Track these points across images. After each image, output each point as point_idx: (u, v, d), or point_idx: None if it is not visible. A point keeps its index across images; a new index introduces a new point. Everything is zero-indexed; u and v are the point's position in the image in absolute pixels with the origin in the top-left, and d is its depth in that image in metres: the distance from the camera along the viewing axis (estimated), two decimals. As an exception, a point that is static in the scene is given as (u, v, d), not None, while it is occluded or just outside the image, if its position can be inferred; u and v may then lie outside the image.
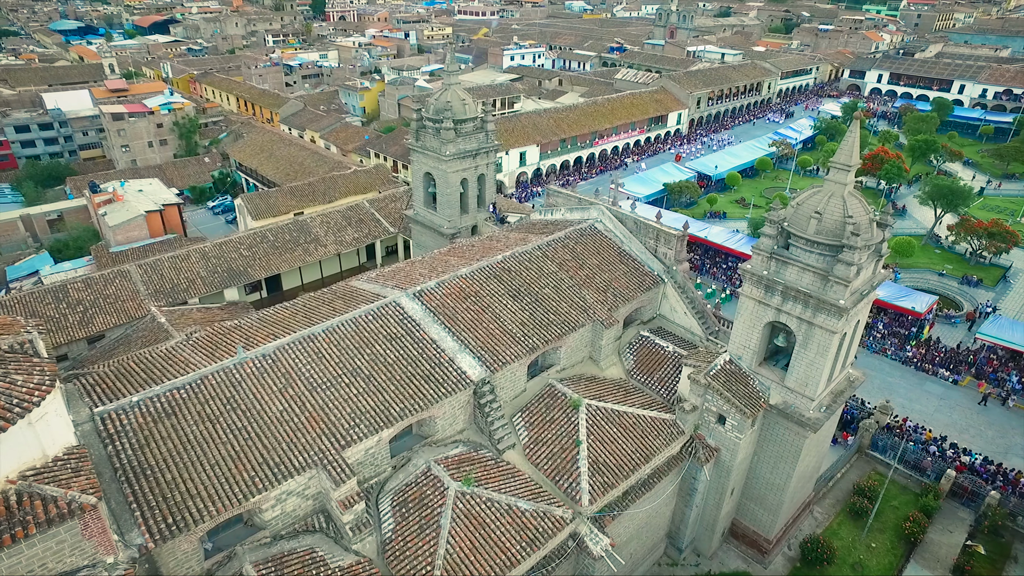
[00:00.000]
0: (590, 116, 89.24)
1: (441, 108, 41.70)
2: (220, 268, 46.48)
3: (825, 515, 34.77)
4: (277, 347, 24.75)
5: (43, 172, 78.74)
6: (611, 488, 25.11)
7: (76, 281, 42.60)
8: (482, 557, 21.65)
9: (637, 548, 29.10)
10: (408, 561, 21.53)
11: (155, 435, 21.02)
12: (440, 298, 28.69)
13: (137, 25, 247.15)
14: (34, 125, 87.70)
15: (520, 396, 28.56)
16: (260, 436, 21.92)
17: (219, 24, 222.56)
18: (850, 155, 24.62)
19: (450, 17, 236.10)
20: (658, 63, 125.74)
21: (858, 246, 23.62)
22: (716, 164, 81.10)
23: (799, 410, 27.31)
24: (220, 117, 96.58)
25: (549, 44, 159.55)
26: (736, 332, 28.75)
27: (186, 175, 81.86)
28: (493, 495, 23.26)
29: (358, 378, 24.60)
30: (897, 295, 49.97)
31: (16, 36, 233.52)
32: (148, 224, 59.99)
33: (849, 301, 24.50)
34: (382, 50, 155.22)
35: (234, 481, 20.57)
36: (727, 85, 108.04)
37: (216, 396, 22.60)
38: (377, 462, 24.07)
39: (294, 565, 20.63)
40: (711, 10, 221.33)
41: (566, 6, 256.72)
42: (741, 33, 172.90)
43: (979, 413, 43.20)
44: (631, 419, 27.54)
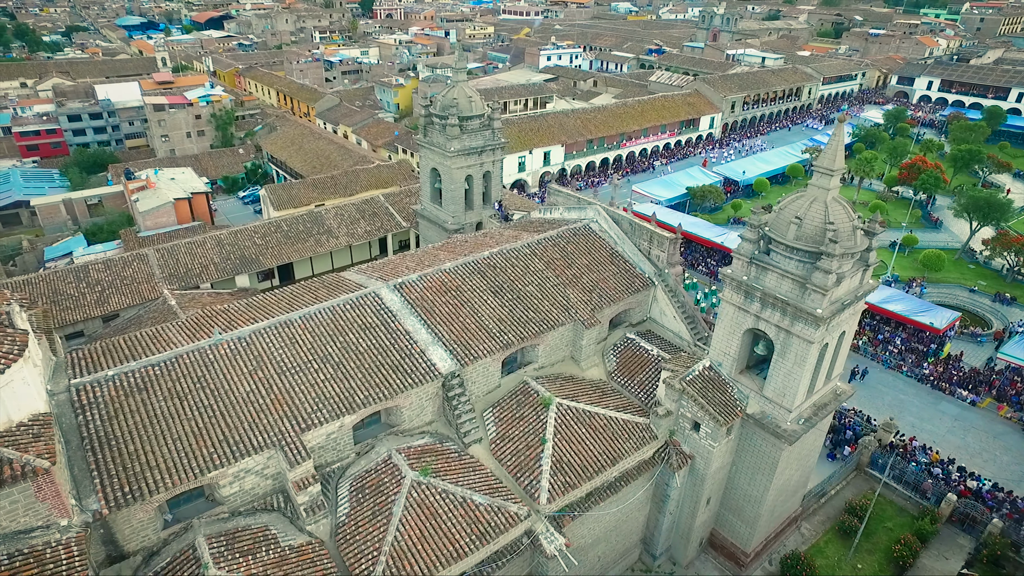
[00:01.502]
0: (618, 117, 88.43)
1: (447, 105, 42.09)
2: (233, 255, 47.99)
3: (813, 532, 33.68)
4: (253, 331, 25.51)
5: (89, 159, 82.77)
6: (572, 488, 24.93)
7: (97, 262, 44.64)
8: (430, 546, 21.83)
9: (606, 551, 28.81)
10: (357, 545, 21.90)
11: (124, 408, 21.95)
12: (420, 291, 29.03)
13: (194, 21, 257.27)
14: (85, 115, 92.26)
15: (494, 392, 28.64)
16: (224, 415, 22.65)
17: (270, 20, 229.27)
18: (833, 159, 23.85)
19: (494, 17, 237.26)
20: (696, 66, 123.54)
21: (836, 253, 22.87)
22: (744, 170, 79.28)
23: (776, 421, 26.56)
24: (257, 110, 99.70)
25: (588, 45, 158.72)
26: (716, 338, 28.17)
27: (220, 165, 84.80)
28: (449, 487, 23.41)
29: (327, 364, 25.14)
30: (917, 310, 47.91)
31: (85, 31, 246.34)
32: (176, 211, 62.46)
33: (827, 310, 23.71)
34: (422, 48, 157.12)
35: (193, 456, 21.32)
36: (764, 89, 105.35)
37: (188, 374, 23.46)
38: (340, 447, 24.55)
39: (246, 541, 21.24)
40: (760, 13, 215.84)
41: (611, 7, 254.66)
42: (787, 37, 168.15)
43: (996, 437, 41.07)
44: (602, 420, 27.28)
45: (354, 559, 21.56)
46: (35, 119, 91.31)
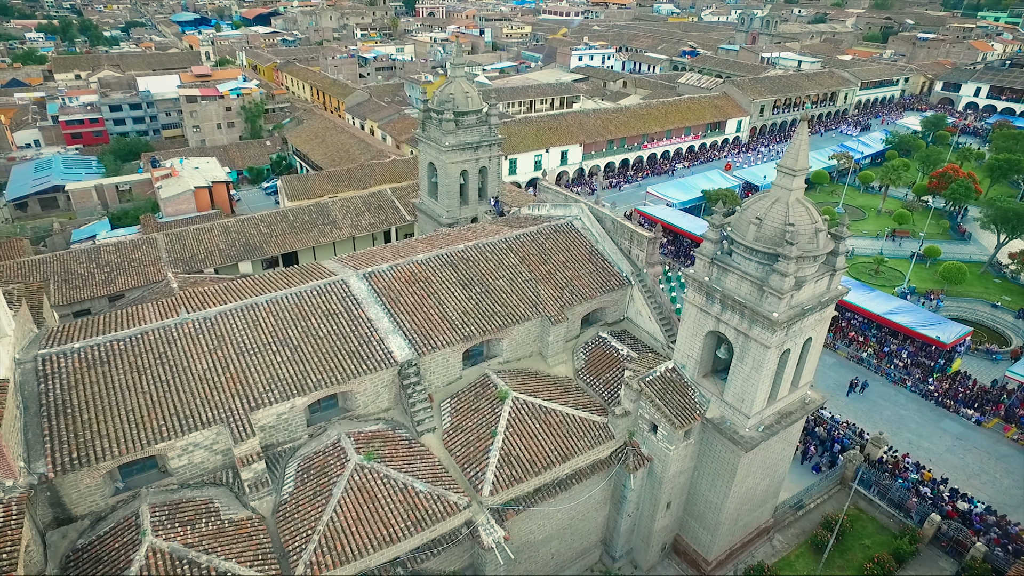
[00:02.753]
0: (641, 118, 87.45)
1: (444, 100, 42.51)
2: (238, 242, 49.45)
3: (786, 545, 32.77)
4: (218, 312, 26.36)
5: (125, 147, 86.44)
6: (518, 482, 24.93)
7: (108, 245, 46.72)
8: (364, 529, 22.18)
9: (561, 549, 28.66)
10: (294, 523, 22.42)
11: (85, 379, 22.98)
12: (388, 281, 29.45)
13: (244, 17, 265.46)
14: (126, 105, 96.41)
15: (455, 383, 28.85)
16: (179, 390, 23.48)
17: (314, 17, 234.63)
18: (796, 159, 23.24)
19: (534, 16, 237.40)
20: (729, 68, 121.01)
21: (792, 256, 22.26)
22: (765, 174, 77.35)
23: (734, 427, 26.01)
24: (286, 104, 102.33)
25: (623, 46, 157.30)
26: (680, 340, 27.73)
27: (247, 156, 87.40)
28: (391, 472, 23.73)
29: (286, 347, 25.77)
30: (924, 323, 45.98)
31: (142, 26, 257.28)
32: (196, 199, 64.66)
33: (785, 315, 23.10)
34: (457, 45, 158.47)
35: (143, 427, 22.19)
36: (796, 93, 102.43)
37: (150, 351, 24.40)
38: (291, 428, 25.15)
39: (188, 511, 21.99)
40: (805, 17, 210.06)
41: (654, 9, 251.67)
42: (830, 41, 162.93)
43: (998, 459, 39.14)
44: (558, 417, 27.17)
45: (289, 536, 22.09)
46: (80, 109, 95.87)
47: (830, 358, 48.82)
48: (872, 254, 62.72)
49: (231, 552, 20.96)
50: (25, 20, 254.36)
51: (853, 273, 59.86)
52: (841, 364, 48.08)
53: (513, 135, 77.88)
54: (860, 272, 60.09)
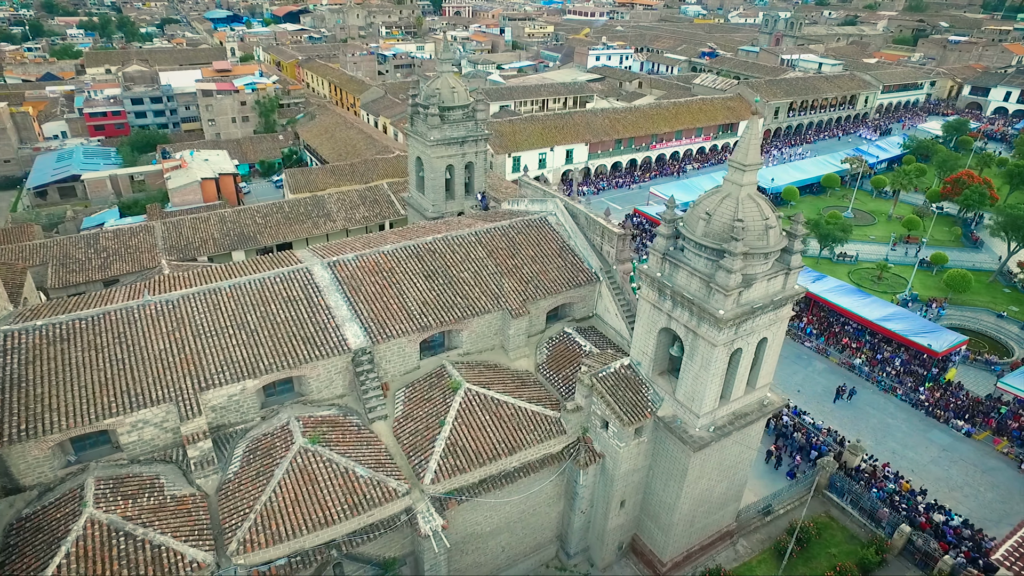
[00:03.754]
0: (650, 119, 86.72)
1: (429, 94, 42.83)
2: (232, 232, 50.51)
3: (750, 550, 32.25)
4: (181, 295, 27.00)
5: (143, 139, 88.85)
6: (461, 472, 25.04)
7: (107, 231, 48.16)
8: (301, 510, 22.54)
9: (512, 542, 28.66)
10: (234, 501, 22.89)
11: (44, 354, 23.78)
12: (352, 270, 29.82)
13: (274, 15, 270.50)
14: (147, 98, 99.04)
15: (412, 372, 29.09)
16: (133, 369, 24.15)
17: (342, 15, 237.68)
18: (746, 153, 22.93)
19: (559, 16, 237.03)
20: (748, 70, 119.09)
21: (737, 252, 21.95)
22: (773, 177, 76.05)
23: (684, 426, 25.73)
24: (301, 99, 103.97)
25: (645, 47, 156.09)
26: (635, 337, 27.55)
27: (260, 150, 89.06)
28: (334, 456, 24.05)
29: (242, 331, 26.29)
30: (918, 330, 44.73)
31: (176, 23, 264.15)
32: (203, 190, 66.18)
33: (731, 312, 22.79)
34: (477, 44, 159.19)
35: (93, 403, 22.89)
36: (813, 96, 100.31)
37: (110, 330, 25.13)
38: (243, 410, 25.65)
39: (132, 486, 22.63)
40: (835, 19, 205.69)
41: (681, 10, 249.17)
42: (857, 43, 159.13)
43: (985, 472, 37.91)
44: (510, 410, 27.20)
45: (227, 514, 22.56)
46: (103, 102, 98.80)
47: (821, 364, 47.88)
48: (877, 260, 61.20)
49: (168, 527, 21.51)
50: (68, 17, 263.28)
51: (855, 279, 58.57)
52: (832, 370, 47.08)
53: (518, 133, 78.02)
54: (862, 278, 58.72)
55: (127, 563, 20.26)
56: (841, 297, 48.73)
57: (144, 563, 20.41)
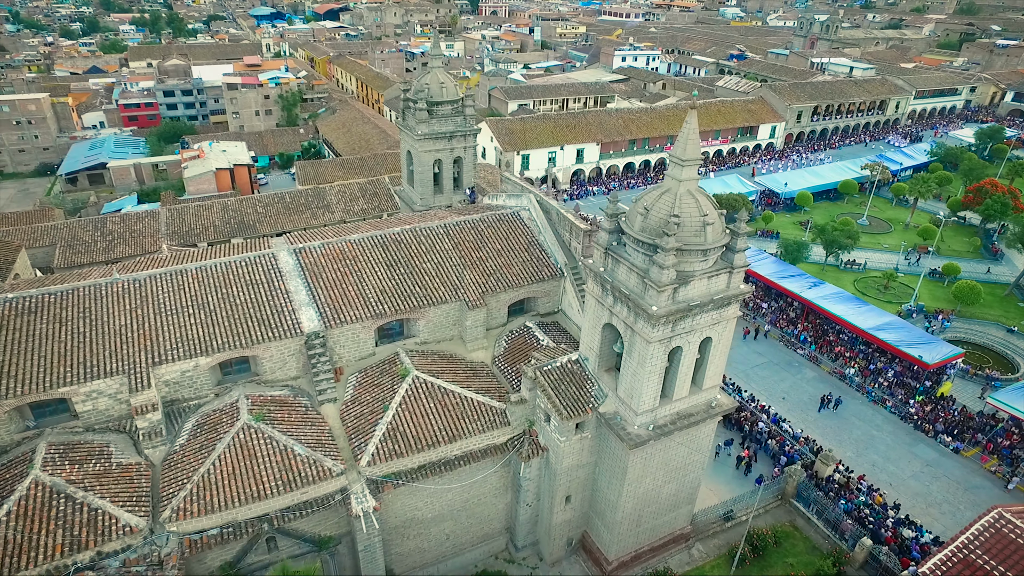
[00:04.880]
0: (665, 119, 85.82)
1: (418, 89, 43.42)
2: (233, 220, 52.06)
3: (705, 555, 31.84)
4: (148, 275, 28.19)
5: (170, 130, 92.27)
6: (399, 456, 25.48)
7: (115, 216, 50.32)
8: (236, 483, 23.33)
9: (456, 530, 28.98)
10: (175, 472, 23.85)
11: (10, 325, 25.17)
12: (316, 257, 30.63)
13: (315, 12, 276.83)
14: (178, 91, 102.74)
15: (368, 358, 29.72)
16: (92, 342, 25.38)
17: (379, 13, 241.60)
18: (684, 148, 22.79)
19: (594, 17, 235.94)
20: (776, 73, 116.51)
21: (667, 247, 21.83)
22: (787, 182, 74.42)
23: (623, 423, 25.65)
24: (325, 94, 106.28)
25: (675, 48, 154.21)
26: (583, 332, 27.57)
27: (280, 142, 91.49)
28: (276, 434, 24.79)
29: (202, 311, 27.32)
30: (911, 341, 43.24)
31: (222, 20, 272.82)
32: (217, 180, 68.48)
33: (664, 309, 22.66)
34: (506, 44, 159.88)
35: (50, 372, 24.15)
36: (840, 100, 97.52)
37: (76, 305, 26.43)
38: (197, 386, 26.64)
39: (82, 452, 23.79)
40: (878, 22, 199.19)
41: (719, 12, 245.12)
42: (897, 47, 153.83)
43: (968, 490, 36.52)
44: (455, 399, 27.52)
45: (167, 484, 23.52)
46: (138, 94, 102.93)
47: (811, 372, 46.80)
48: (887, 269, 59.36)
49: (109, 492, 22.56)
50: (123, 14, 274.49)
51: (860, 287, 56.99)
52: (822, 379, 45.96)
53: (528, 131, 78.25)
54: (868, 287, 57.07)
55: (64, 523, 21.36)
56: (836, 304, 47.49)
57: (80, 524, 21.49)
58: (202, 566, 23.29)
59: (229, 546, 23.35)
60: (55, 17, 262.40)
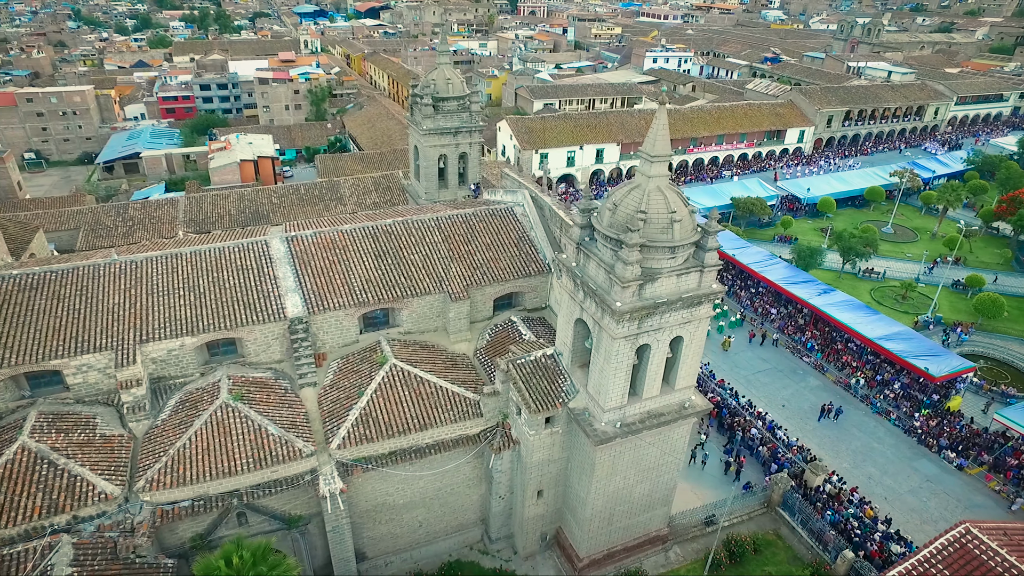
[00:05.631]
0: (689, 121, 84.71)
1: (425, 85, 44.07)
2: (248, 209, 53.64)
3: (682, 558, 31.50)
4: (145, 257, 29.45)
5: (204, 122, 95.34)
6: (370, 441, 26.02)
7: (136, 202, 52.42)
8: (209, 458, 24.21)
9: (429, 518, 29.39)
10: (154, 445, 24.88)
11: (12, 299, 26.64)
12: (307, 245, 31.47)
13: (357, 10, 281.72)
14: (214, 85, 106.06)
15: (351, 345, 30.42)
16: (86, 318, 26.68)
17: (418, 12, 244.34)
18: (653, 144, 22.69)
19: (632, 19, 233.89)
20: (809, 76, 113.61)
21: (632, 242, 21.82)
22: (809, 187, 72.67)
23: (591, 419, 25.67)
24: (353, 90, 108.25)
25: (710, 50, 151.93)
26: (559, 327, 27.68)
27: (308, 136, 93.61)
28: (252, 414, 25.61)
29: (192, 294, 28.42)
30: (919, 352, 41.79)
31: (267, 17, 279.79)
32: (241, 171, 70.56)
33: (628, 305, 22.65)
34: (539, 43, 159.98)
35: (44, 345, 25.50)
36: (874, 105, 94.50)
37: (74, 283, 27.80)
38: (183, 365, 27.72)
39: (69, 422, 25.04)
40: (928, 25, 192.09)
41: (761, 15, 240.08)
42: (944, 52, 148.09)
43: (968, 509, 35.21)
44: (431, 388, 27.93)
45: (145, 455, 24.57)
46: (176, 87, 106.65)
47: (815, 380, 45.73)
48: (906, 278, 57.51)
49: (89, 461, 23.70)
50: (174, 10, 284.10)
51: (876, 296, 55.38)
52: (826, 388, 44.87)
53: (548, 130, 78.29)
54: (884, 296, 55.39)
55: (44, 487, 22.56)
56: (844, 312, 46.26)
57: (59, 489, 22.66)
58: (174, 536, 24.27)
59: (200, 518, 24.26)
60: (112, 14, 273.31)
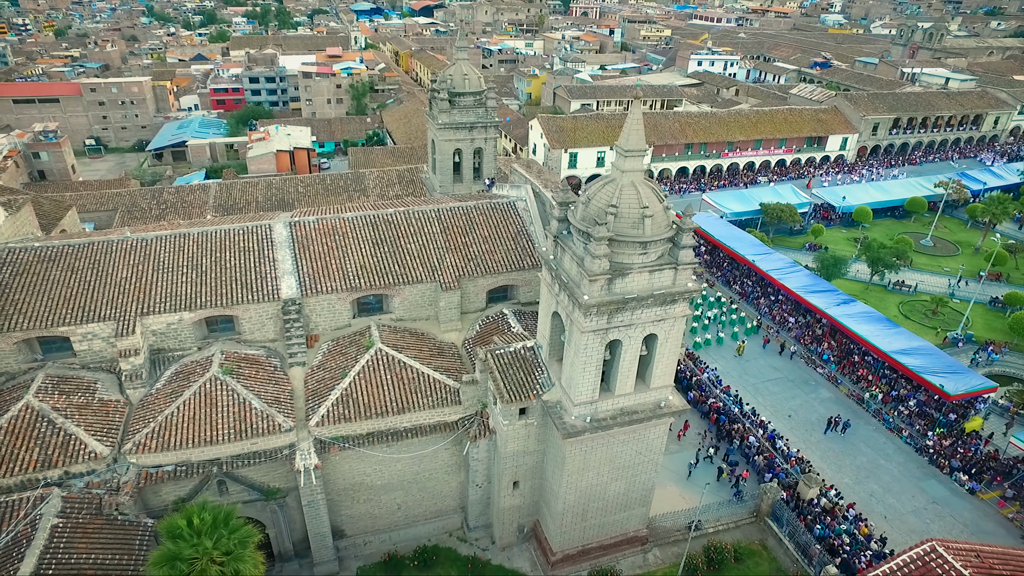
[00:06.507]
0: (725, 125, 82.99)
1: (442, 80, 44.85)
2: (274, 197, 55.67)
3: (660, 561, 31.18)
4: (156, 236, 31.10)
5: (249, 113, 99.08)
6: (348, 421, 26.82)
7: (171, 188, 55.14)
8: (193, 427, 25.47)
9: (407, 502, 30.01)
10: (145, 412, 26.34)
11: (31, 269, 28.63)
12: (309, 230, 32.59)
13: (412, 8, 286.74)
14: (262, 78, 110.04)
15: (343, 329, 31.36)
16: (94, 290, 28.41)
17: (471, 11, 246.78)
18: (627, 138, 22.68)
19: (684, 21, 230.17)
20: (859, 82, 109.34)
21: (598, 236, 21.89)
22: (845, 195, 70.16)
23: (561, 412, 25.78)
24: (395, 86, 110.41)
25: (759, 54, 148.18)
26: (539, 320, 27.86)
27: (347, 130, 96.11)
28: (239, 388, 26.78)
29: (194, 272, 29.87)
30: (936, 368, 39.91)
31: (325, 14, 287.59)
32: (277, 161, 73.19)
33: (596, 298, 22.73)
34: (585, 44, 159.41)
35: (52, 312, 27.30)
36: (925, 113, 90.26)
37: (88, 257, 29.62)
38: (182, 338, 29.18)
39: (72, 385, 26.78)
40: (1003, 30, 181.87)
41: (820, 19, 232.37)
42: (1016, 58, 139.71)
43: (974, 535, 33.49)
44: (413, 374, 28.53)
45: (136, 421, 26.05)
46: (227, 79, 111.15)
47: (827, 392, 44.31)
48: (940, 293, 54.98)
49: (85, 422, 25.31)
50: (237, 7, 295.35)
51: (905, 311, 53.17)
52: (837, 401, 43.42)
53: (579, 130, 78.14)
54: (913, 311, 53.11)
55: (41, 443, 24.25)
56: (862, 324, 44.63)
57: (55, 446, 24.31)
58: (158, 498, 25.64)
59: (182, 483, 25.55)
60: (181, 10, 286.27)
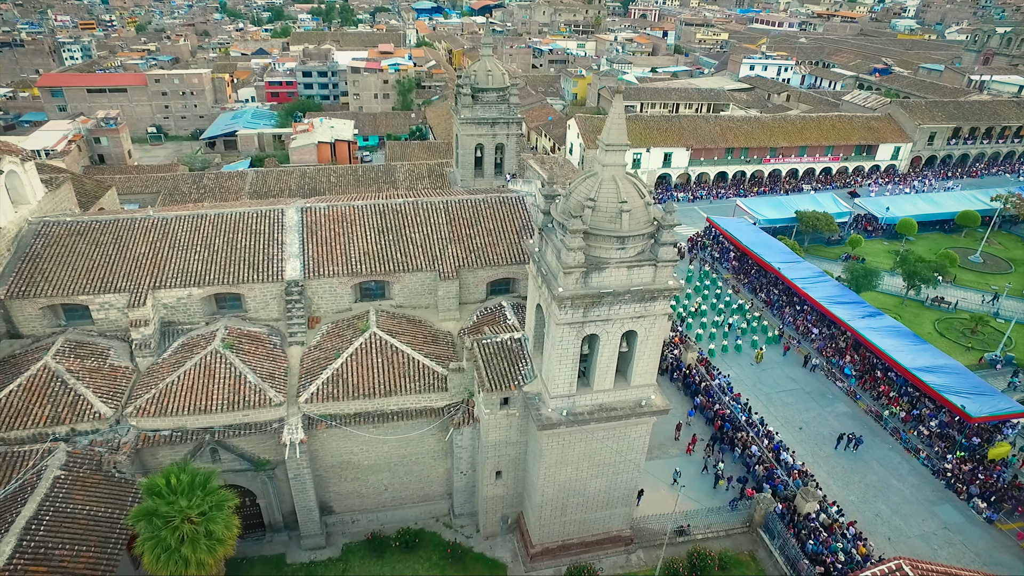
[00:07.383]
0: (768, 130, 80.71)
1: (466, 75, 45.58)
2: (307, 186, 57.75)
3: (643, 563, 30.86)
4: (175, 215, 32.97)
5: (299, 106, 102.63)
6: (335, 400, 27.74)
7: (211, 173, 57.94)
8: (190, 396, 26.91)
9: (394, 484, 30.75)
10: (150, 379, 28.01)
11: (62, 242, 30.86)
12: (318, 216, 33.85)
13: (471, 7, 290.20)
14: (315, 72, 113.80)
15: (344, 312, 32.41)
16: (115, 263, 30.38)
17: (529, 11, 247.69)
18: (608, 132, 22.72)
19: (745, 24, 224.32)
20: (920, 89, 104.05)
21: (572, 228, 22.01)
22: (889, 206, 67.16)
23: (539, 404, 25.96)
24: (441, 83, 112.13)
25: (818, 59, 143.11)
26: (527, 312, 28.09)
27: (391, 124, 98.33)
28: (236, 362, 28.12)
29: (206, 250, 31.52)
30: (959, 387, 37.85)
31: (387, 12, 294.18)
32: (318, 152, 75.86)
33: (570, 291, 22.86)
34: (637, 46, 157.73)
35: (74, 281, 29.35)
36: (989, 123, 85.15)
37: (112, 232, 31.67)
38: (191, 312, 30.84)
39: (88, 350, 28.74)
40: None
41: (890, 24, 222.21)
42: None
43: (986, 565, 31.66)
44: (403, 359, 29.24)
45: (140, 387, 27.74)
46: (282, 73, 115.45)
47: (844, 407, 42.71)
48: (982, 311, 52.08)
49: (94, 384, 27.12)
50: (303, 3, 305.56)
51: (941, 328, 50.63)
52: (854, 416, 41.80)
53: (614, 130, 77.46)
54: (950, 328, 50.50)
55: (53, 401, 26.14)
56: (885, 339, 42.78)
57: (64, 405, 26.16)
58: (155, 460, 27.17)
59: (178, 448, 27.01)
60: (252, 7, 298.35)
